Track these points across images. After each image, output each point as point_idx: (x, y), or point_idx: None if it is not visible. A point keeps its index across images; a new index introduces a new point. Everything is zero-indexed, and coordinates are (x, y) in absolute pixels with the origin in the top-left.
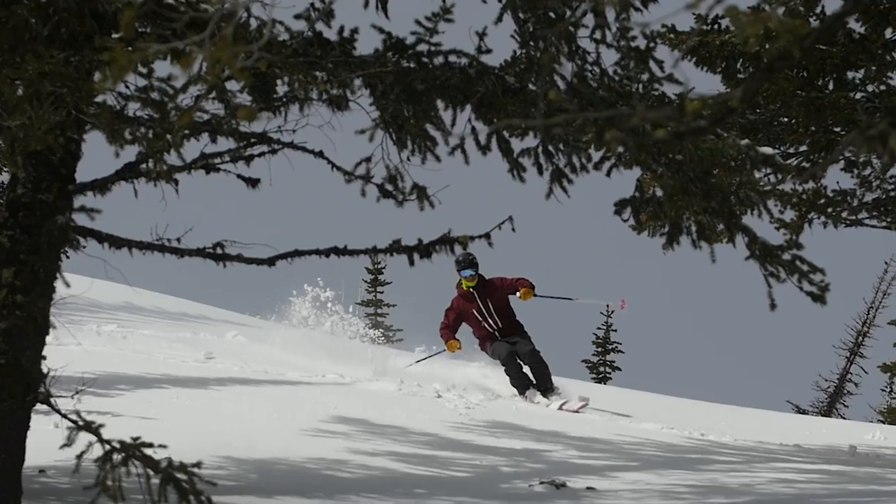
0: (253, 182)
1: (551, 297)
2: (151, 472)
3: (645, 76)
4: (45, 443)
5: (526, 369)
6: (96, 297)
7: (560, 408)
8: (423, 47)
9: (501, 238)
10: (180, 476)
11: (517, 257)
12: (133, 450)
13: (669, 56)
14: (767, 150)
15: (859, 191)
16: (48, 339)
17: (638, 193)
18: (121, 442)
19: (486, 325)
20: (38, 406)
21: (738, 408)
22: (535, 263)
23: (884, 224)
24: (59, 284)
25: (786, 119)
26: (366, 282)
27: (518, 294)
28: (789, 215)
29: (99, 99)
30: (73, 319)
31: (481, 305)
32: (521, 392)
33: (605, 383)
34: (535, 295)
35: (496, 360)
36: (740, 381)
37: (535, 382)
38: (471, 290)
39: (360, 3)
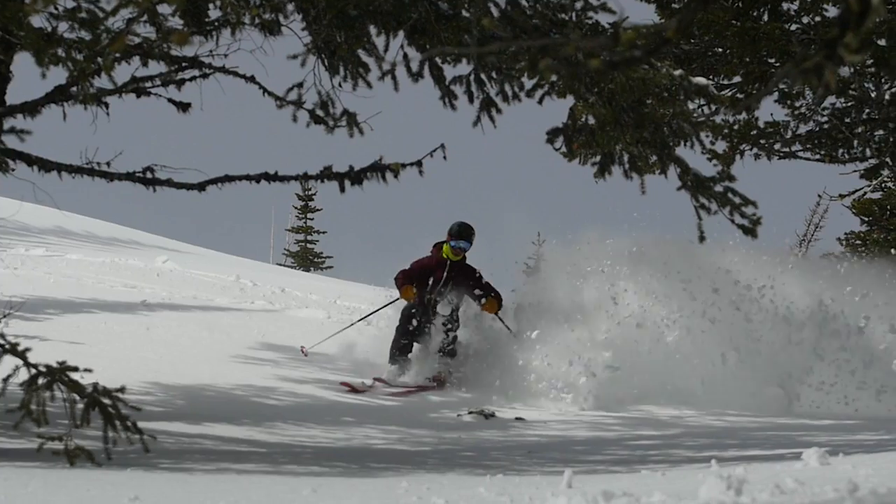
0: (184, 106)
1: (504, 324)
2: (77, 397)
3: (579, 4)
4: None
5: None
6: (25, 221)
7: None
8: None
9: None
10: (105, 401)
11: (449, 183)
12: (59, 374)
13: None
14: (701, 80)
15: (792, 123)
16: None
17: (570, 122)
18: (47, 366)
19: (431, 293)
20: None
21: None
22: (464, 190)
23: (817, 156)
24: None
25: (720, 50)
26: (296, 208)
27: (482, 303)
28: (721, 146)
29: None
30: (1, 243)
31: (443, 279)
32: (392, 360)
33: None
34: (496, 313)
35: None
36: None
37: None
38: (450, 261)
39: None
